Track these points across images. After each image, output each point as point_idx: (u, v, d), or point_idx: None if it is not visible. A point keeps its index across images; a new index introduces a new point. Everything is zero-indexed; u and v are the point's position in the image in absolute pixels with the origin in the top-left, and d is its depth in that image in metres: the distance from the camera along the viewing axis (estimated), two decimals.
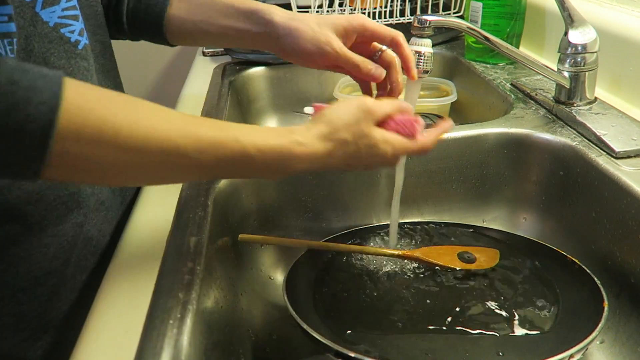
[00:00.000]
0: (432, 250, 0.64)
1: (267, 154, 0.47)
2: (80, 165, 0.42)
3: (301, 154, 0.49)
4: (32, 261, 0.56)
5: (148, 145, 0.43)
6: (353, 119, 0.50)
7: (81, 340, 0.45)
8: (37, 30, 0.53)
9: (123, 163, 0.43)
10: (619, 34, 0.77)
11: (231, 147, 0.46)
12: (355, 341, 0.51)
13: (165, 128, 0.44)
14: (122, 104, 0.43)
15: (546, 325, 0.53)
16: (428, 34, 0.61)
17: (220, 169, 0.48)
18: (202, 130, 0.45)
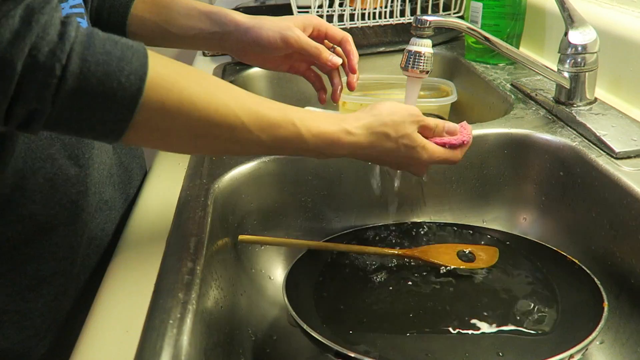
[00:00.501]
0: (431, 249, 0.64)
1: (319, 138, 0.52)
2: (158, 132, 0.46)
3: (347, 142, 0.53)
4: (41, 261, 0.56)
5: (219, 120, 0.47)
6: (399, 118, 0.55)
7: (81, 340, 0.45)
8: None
9: (195, 133, 0.47)
10: (619, 34, 0.77)
11: (288, 129, 0.50)
12: (355, 341, 0.51)
13: (234, 105, 0.47)
14: (198, 79, 0.47)
15: (546, 325, 0.53)
16: (428, 34, 0.61)
17: (276, 147, 0.52)
18: (264, 110, 0.49)
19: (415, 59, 0.61)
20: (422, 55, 0.61)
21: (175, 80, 0.44)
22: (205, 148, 0.53)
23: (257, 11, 1.48)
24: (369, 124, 0.54)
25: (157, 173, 0.71)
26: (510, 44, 0.76)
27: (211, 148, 0.54)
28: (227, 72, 1.06)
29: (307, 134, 0.51)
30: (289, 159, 0.70)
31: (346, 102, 0.98)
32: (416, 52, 0.60)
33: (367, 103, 0.96)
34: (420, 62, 0.61)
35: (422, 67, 0.60)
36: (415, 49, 0.61)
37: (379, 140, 0.55)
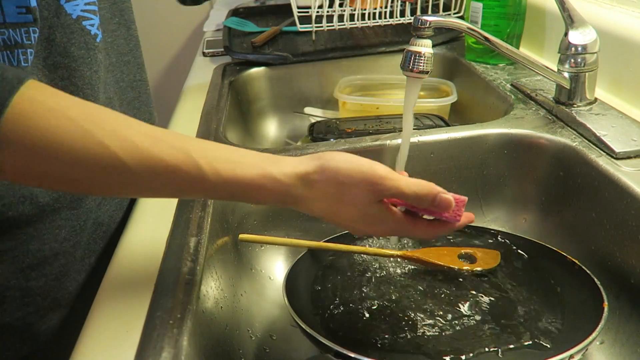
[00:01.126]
0: (432, 250, 0.64)
1: (232, 185, 0.44)
2: (31, 175, 0.41)
3: (272, 191, 0.45)
4: (43, 241, 0.58)
5: (94, 164, 0.40)
6: (348, 181, 0.45)
7: (81, 340, 0.45)
8: (60, 22, 0.55)
9: (73, 178, 0.41)
10: (619, 34, 0.77)
11: (190, 173, 0.42)
12: (355, 341, 0.51)
13: (115, 146, 0.40)
14: (77, 115, 0.40)
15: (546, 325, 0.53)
16: (428, 34, 0.61)
17: (180, 193, 0.45)
18: (156, 151, 0.41)
19: (415, 59, 0.60)
20: (422, 55, 0.61)
21: (42, 116, 0.39)
22: (106, 192, 0.49)
23: (258, 11, 1.48)
24: (307, 176, 0.45)
25: None
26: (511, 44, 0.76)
27: (111, 193, 0.48)
28: (227, 73, 1.06)
29: (215, 178, 0.43)
30: None
31: (346, 103, 0.98)
32: (416, 53, 0.60)
33: (368, 103, 0.97)
34: (420, 62, 0.61)
35: (422, 68, 0.60)
36: (415, 49, 0.61)
37: (316, 196, 0.45)
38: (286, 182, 0.44)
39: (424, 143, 0.73)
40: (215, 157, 0.43)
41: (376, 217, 0.47)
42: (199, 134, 0.80)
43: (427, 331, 0.53)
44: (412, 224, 0.49)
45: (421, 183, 0.47)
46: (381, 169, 0.46)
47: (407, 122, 0.62)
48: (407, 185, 0.46)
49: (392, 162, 0.70)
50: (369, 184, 0.45)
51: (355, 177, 0.45)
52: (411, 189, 0.46)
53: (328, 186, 0.45)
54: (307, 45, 1.15)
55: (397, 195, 0.47)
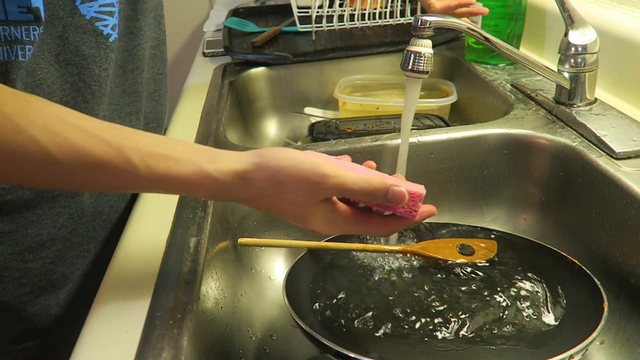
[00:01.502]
0: (431, 244, 0.64)
1: (166, 182, 0.43)
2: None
3: (209, 188, 0.44)
4: (42, 226, 0.60)
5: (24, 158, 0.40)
6: (289, 180, 0.44)
7: (81, 340, 0.45)
8: (74, 21, 0.58)
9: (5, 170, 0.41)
10: (619, 34, 0.77)
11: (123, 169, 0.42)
12: (355, 341, 0.51)
13: (46, 140, 0.40)
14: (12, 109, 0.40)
15: (546, 326, 0.53)
16: (428, 34, 0.61)
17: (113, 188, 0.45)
18: (88, 146, 0.41)
19: (416, 59, 0.60)
20: (422, 55, 0.61)
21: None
22: (42, 186, 0.49)
23: (258, 11, 1.48)
24: (244, 173, 0.43)
25: None
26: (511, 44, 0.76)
27: (47, 187, 0.49)
28: (227, 73, 1.06)
29: (148, 175, 0.42)
30: None
31: (346, 103, 0.98)
32: (416, 53, 0.60)
33: (368, 103, 0.97)
34: (421, 63, 0.61)
35: (422, 68, 0.60)
36: (416, 49, 0.61)
37: (256, 194, 0.44)
38: (222, 179, 0.43)
39: (424, 143, 0.73)
40: (149, 152, 0.42)
41: (323, 217, 0.46)
42: (199, 134, 0.80)
43: (428, 331, 0.53)
44: (364, 222, 0.48)
45: (370, 179, 0.45)
46: (325, 166, 0.44)
47: (407, 122, 0.62)
48: (354, 182, 0.44)
49: (392, 162, 0.70)
50: (310, 183, 0.44)
51: (294, 175, 0.44)
52: (358, 185, 0.44)
53: (267, 185, 0.44)
54: (307, 46, 1.15)
55: (343, 193, 0.45)
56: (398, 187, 0.45)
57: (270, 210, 0.46)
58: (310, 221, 0.46)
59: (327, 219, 0.46)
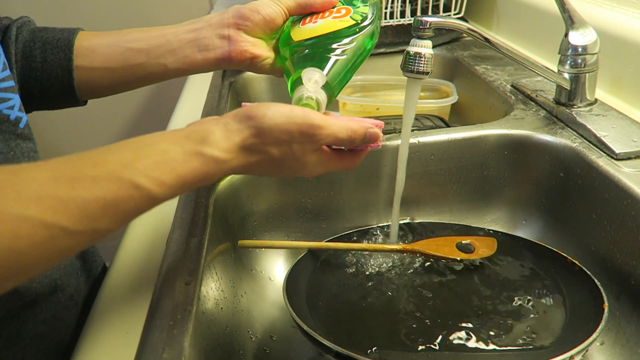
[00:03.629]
0: (431, 242, 0.64)
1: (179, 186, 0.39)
2: None
3: (218, 172, 0.41)
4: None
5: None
6: (288, 138, 0.43)
7: (82, 341, 0.45)
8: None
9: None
10: (620, 35, 0.77)
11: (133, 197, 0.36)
12: (355, 342, 0.51)
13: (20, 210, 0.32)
14: None
15: (546, 326, 0.53)
16: (428, 35, 0.61)
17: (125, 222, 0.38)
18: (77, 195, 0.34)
19: (416, 60, 0.60)
20: (423, 56, 0.61)
21: None
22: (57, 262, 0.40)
23: None
24: (246, 142, 0.42)
25: None
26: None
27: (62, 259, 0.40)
28: (228, 73, 1.06)
29: (160, 190, 0.37)
30: None
31: (346, 104, 0.98)
32: (416, 53, 0.60)
33: (368, 104, 0.97)
34: (421, 63, 0.61)
35: (423, 68, 0.60)
36: (416, 50, 0.61)
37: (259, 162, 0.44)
38: (229, 158, 0.41)
39: (424, 144, 0.73)
40: (146, 166, 0.37)
41: (315, 163, 0.47)
42: None
43: (428, 330, 0.53)
44: (338, 158, 0.50)
45: (352, 126, 0.47)
46: (315, 117, 0.44)
47: (407, 123, 0.62)
48: (341, 130, 0.46)
49: (392, 163, 0.70)
50: (307, 136, 0.44)
51: (293, 132, 0.43)
52: (345, 133, 0.47)
53: (269, 147, 0.43)
54: None
55: (334, 142, 0.47)
56: (372, 128, 0.48)
57: (269, 171, 0.46)
58: (306, 170, 0.48)
59: (319, 163, 0.48)
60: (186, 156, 0.39)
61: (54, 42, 0.57)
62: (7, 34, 0.57)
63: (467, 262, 0.62)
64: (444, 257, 0.62)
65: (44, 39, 0.57)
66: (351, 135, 0.47)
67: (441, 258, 0.62)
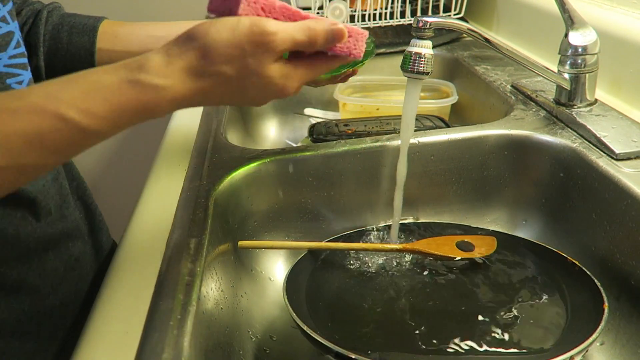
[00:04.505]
0: (431, 242, 0.64)
1: (114, 118, 0.36)
2: None
3: (160, 102, 0.37)
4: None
5: None
6: (238, 52, 0.38)
7: (82, 342, 0.45)
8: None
9: None
10: (620, 35, 0.77)
11: (58, 129, 0.34)
12: (355, 342, 0.51)
13: None
14: None
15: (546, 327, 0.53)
16: (429, 35, 0.61)
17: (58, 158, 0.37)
18: (4, 126, 0.34)
19: (416, 60, 0.60)
20: (423, 56, 0.61)
21: None
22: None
23: None
24: (190, 66, 0.38)
25: (157, 174, 0.71)
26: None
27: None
28: None
29: (91, 122, 0.35)
30: (289, 159, 0.70)
31: (346, 104, 0.98)
32: (416, 54, 0.60)
33: (368, 104, 0.97)
34: (421, 64, 0.61)
35: (423, 69, 0.60)
36: (416, 50, 0.61)
37: (212, 85, 0.39)
38: (169, 84, 0.37)
39: (424, 144, 0.73)
40: (73, 96, 0.35)
41: (282, 76, 0.42)
42: (199, 134, 0.80)
43: (428, 331, 0.53)
44: (308, 65, 0.44)
45: (311, 24, 0.42)
46: (265, 23, 0.39)
47: (408, 123, 0.62)
48: (297, 31, 0.41)
49: (392, 163, 0.70)
50: (260, 45, 0.39)
51: (242, 43, 0.38)
52: (305, 34, 0.41)
53: (219, 66, 0.38)
54: None
55: (293, 47, 0.41)
56: (336, 24, 0.43)
57: (229, 96, 0.41)
58: (274, 87, 0.42)
59: (283, 75, 0.42)
60: (121, 84, 0.36)
61: (80, 27, 0.62)
62: (39, 17, 0.62)
63: (468, 262, 0.62)
64: (444, 256, 0.62)
65: (72, 23, 0.62)
66: (310, 35, 0.42)
67: (441, 257, 0.62)
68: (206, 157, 0.70)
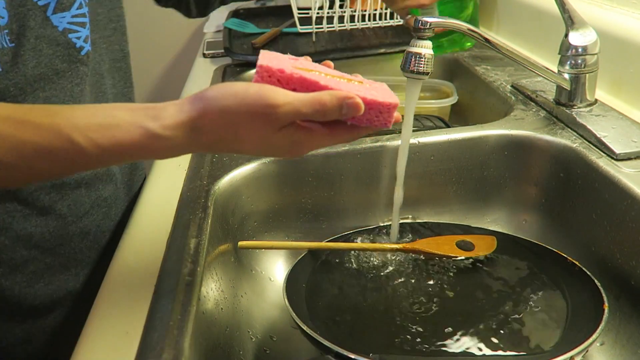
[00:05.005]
0: (431, 241, 0.64)
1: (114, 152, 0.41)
2: None
3: (160, 148, 0.41)
4: (14, 248, 0.59)
5: None
6: (236, 120, 0.41)
7: (81, 341, 0.45)
8: (47, 33, 0.56)
9: None
10: (620, 35, 0.77)
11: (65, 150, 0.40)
12: (355, 342, 0.51)
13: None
14: None
15: (546, 327, 0.53)
16: (428, 35, 0.61)
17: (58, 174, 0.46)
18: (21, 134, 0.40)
19: (416, 60, 0.60)
20: (423, 56, 0.61)
21: None
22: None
23: (258, 12, 1.48)
24: (191, 122, 0.41)
25: (157, 175, 0.71)
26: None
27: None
28: (228, 74, 1.06)
29: (94, 150, 0.40)
30: (289, 160, 0.70)
31: None
32: (416, 54, 0.60)
33: None
34: (421, 64, 0.61)
35: (423, 69, 0.60)
36: (416, 50, 0.61)
37: (210, 140, 0.42)
38: (170, 135, 0.41)
39: (424, 144, 0.73)
40: (88, 125, 0.40)
41: (286, 141, 0.43)
42: None
43: (429, 331, 0.53)
44: (330, 133, 0.44)
45: (321, 98, 0.42)
46: (272, 95, 0.40)
47: (407, 123, 0.62)
48: (304, 105, 0.41)
49: (392, 164, 0.70)
50: (261, 117, 0.41)
51: (243, 113, 0.41)
52: (312, 107, 0.41)
53: (218, 129, 0.41)
54: (308, 47, 1.15)
55: (298, 117, 0.42)
56: (352, 99, 0.42)
57: (233, 151, 0.44)
58: (275, 151, 0.45)
59: (292, 141, 0.43)
60: (130, 126, 0.40)
61: None
62: None
63: (468, 262, 0.62)
64: (444, 255, 0.62)
65: None
66: (319, 109, 0.42)
67: (441, 256, 0.62)
68: (206, 157, 0.70)
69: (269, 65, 0.43)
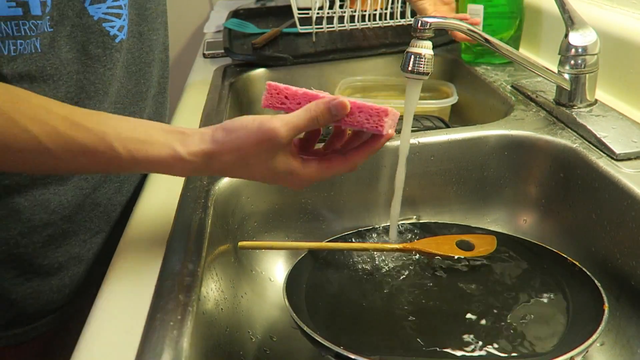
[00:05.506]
0: (431, 241, 0.64)
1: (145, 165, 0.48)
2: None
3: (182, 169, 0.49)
4: (33, 211, 0.62)
5: (18, 147, 0.45)
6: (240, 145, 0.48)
7: (81, 341, 0.45)
8: (82, 22, 0.61)
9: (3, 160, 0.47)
10: (620, 36, 0.77)
11: (106, 154, 0.47)
12: (355, 342, 0.51)
13: (37, 130, 0.45)
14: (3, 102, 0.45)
15: (546, 327, 0.53)
16: (428, 36, 0.61)
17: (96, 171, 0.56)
18: (74, 134, 0.46)
19: (416, 60, 0.60)
20: (423, 57, 0.61)
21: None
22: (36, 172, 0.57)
23: (258, 13, 1.48)
24: (211, 152, 0.48)
25: (157, 175, 0.71)
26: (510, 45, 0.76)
27: (41, 172, 0.57)
28: (228, 74, 1.06)
29: (129, 159, 0.47)
30: None
31: None
32: (416, 54, 0.60)
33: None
34: (421, 64, 0.61)
35: (423, 69, 0.60)
36: (416, 50, 0.61)
37: (224, 167, 0.49)
38: (193, 160, 0.48)
39: (424, 144, 0.73)
40: (129, 138, 0.47)
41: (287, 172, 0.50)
42: None
43: (429, 331, 0.53)
44: (327, 166, 0.52)
45: (309, 106, 0.49)
46: (271, 121, 0.47)
47: (407, 123, 0.62)
48: (299, 117, 0.48)
49: (392, 164, 0.70)
50: (266, 141, 0.47)
51: (250, 140, 0.47)
52: (304, 117, 0.48)
53: (232, 157, 0.48)
54: (308, 47, 1.15)
55: (297, 131, 0.48)
56: (336, 99, 0.49)
57: (243, 176, 0.51)
58: (278, 178, 0.51)
59: (289, 171, 0.50)
60: (162, 146, 0.48)
61: None
62: None
63: (468, 262, 0.62)
64: (444, 255, 0.62)
65: None
66: (312, 116, 0.48)
67: (441, 256, 0.62)
68: None
69: (277, 84, 0.51)
